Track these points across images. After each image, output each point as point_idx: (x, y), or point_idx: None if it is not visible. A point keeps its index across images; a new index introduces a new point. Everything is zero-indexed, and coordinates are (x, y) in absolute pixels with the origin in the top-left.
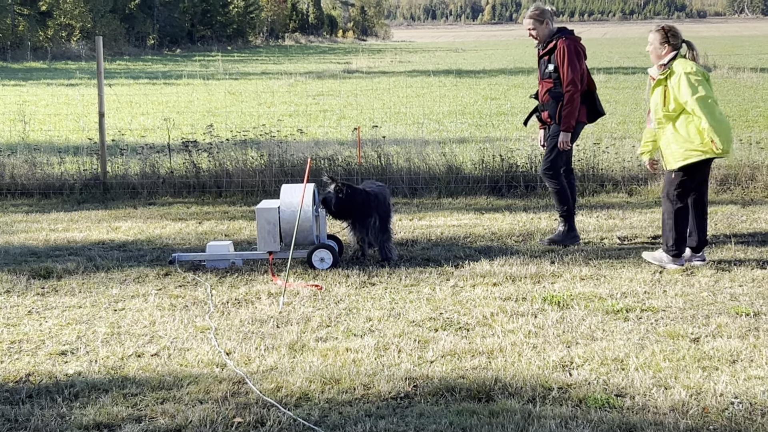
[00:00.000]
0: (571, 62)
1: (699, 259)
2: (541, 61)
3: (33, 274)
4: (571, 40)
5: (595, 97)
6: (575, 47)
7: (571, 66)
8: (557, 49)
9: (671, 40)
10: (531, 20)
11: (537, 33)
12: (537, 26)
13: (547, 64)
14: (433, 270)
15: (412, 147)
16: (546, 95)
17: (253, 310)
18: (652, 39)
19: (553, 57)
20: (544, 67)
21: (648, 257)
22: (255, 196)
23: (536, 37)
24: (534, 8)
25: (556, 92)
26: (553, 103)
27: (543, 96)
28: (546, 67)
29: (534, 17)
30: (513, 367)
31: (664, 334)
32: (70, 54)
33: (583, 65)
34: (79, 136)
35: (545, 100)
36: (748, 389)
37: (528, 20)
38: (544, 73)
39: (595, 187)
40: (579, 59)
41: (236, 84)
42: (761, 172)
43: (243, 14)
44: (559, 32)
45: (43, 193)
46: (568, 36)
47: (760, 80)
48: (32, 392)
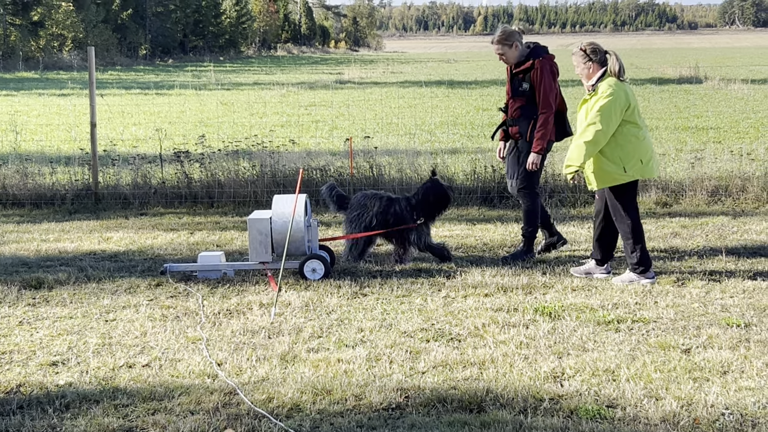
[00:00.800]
0: (548, 84)
1: (604, 272)
2: (515, 78)
3: (24, 285)
4: (547, 60)
5: (565, 118)
6: (551, 68)
7: (548, 88)
8: (534, 69)
9: (593, 57)
10: (499, 45)
11: (507, 57)
12: (506, 50)
13: (521, 82)
14: (425, 281)
15: (404, 158)
16: (517, 111)
17: (245, 320)
18: (576, 62)
19: (528, 76)
20: (518, 85)
21: (618, 281)
22: (247, 206)
23: (506, 60)
24: (501, 32)
25: (529, 110)
26: (525, 121)
27: (514, 112)
28: (521, 85)
29: (501, 41)
30: (504, 377)
31: (655, 345)
32: (62, 64)
33: (556, 86)
34: (71, 146)
35: (516, 116)
36: (739, 400)
37: (496, 45)
38: (517, 90)
39: (586, 198)
40: (554, 80)
41: (228, 94)
42: (752, 183)
43: (235, 25)
44: (535, 50)
45: (34, 203)
46: (545, 56)
47: (751, 92)
48: (23, 403)
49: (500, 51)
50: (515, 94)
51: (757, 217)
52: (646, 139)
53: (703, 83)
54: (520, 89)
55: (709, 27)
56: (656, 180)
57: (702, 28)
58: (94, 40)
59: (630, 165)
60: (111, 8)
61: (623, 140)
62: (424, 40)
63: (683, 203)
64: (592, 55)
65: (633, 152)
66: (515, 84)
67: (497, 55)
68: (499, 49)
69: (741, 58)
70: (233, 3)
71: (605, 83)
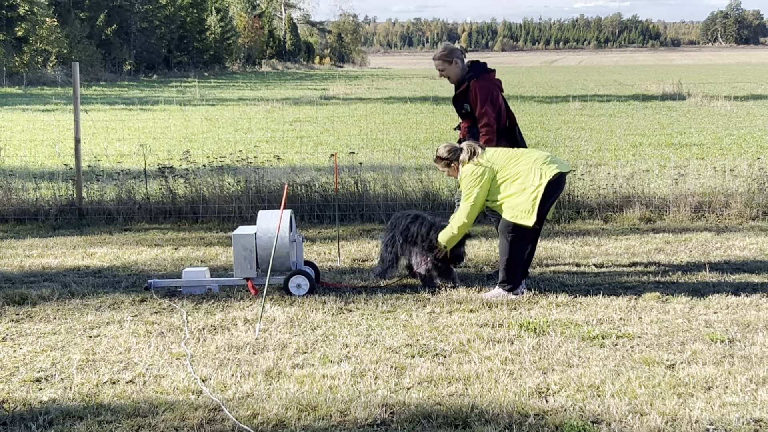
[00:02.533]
0: (484, 104)
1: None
2: (457, 101)
3: (7, 301)
4: (484, 80)
5: (516, 131)
6: (488, 86)
7: (484, 108)
8: (470, 91)
9: (451, 157)
10: (440, 61)
11: (447, 73)
12: (446, 67)
13: (462, 103)
14: (410, 296)
15: (389, 173)
16: (465, 132)
17: (230, 336)
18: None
19: (468, 97)
20: (460, 107)
21: (487, 296)
22: (231, 222)
23: (447, 77)
24: (443, 48)
25: (474, 131)
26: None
27: (464, 132)
28: (463, 108)
29: (442, 58)
30: (489, 393)
31: (639, 360)
32: (46, 79)
33: (499, 102)
34: (55, 161)
35: (465, 135)
36: (723, 416)
37: (437, 61)
38: (460, 112)
39: (570, 213)
40: (493, 99)
41: (213, 110)
42: (735, 199)
43: (220, 40)
44: (472, 70)
45: (17, 218)
46: (481, 75)
47: (733, 108)
48: (6, 419)
49: (441, 67)
50: (460, 116)
51: (741, 233)
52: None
53: (686, 100)
54: (463, 111)
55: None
56: (640, 196)
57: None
58: (79, 56)
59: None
60: (95, 24)
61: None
62: (408, 56)
63: (667, 219)
64: (452, 156)
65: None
66: (458, 106)
67: (438, 72)
68: (440, 65)
69: (724, 75)
70: (218, 19)
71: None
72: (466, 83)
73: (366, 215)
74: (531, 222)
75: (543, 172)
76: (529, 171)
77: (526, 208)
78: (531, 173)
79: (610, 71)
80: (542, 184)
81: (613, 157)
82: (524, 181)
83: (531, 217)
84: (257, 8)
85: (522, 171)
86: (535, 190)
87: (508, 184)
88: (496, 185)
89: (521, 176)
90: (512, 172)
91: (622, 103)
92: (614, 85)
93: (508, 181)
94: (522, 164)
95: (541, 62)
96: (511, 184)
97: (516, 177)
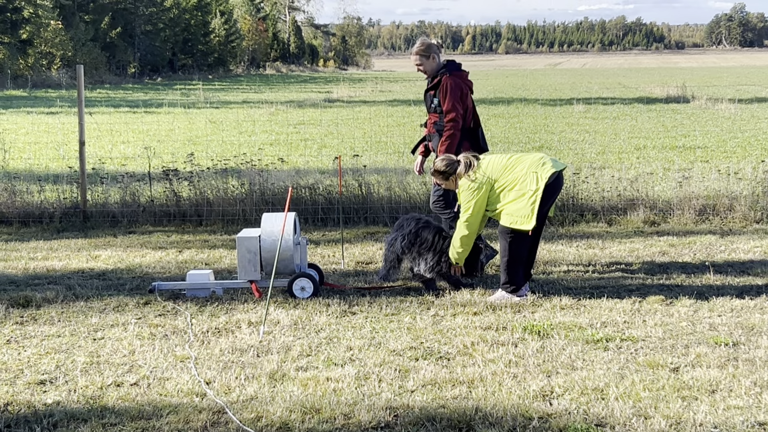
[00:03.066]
0: (454, 99)
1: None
2: (427, 95)
3: (12, 303)
4: (456, 77)
5: (479, 134)
6: (459, 84)
7: (453, 103)
8: (441, 85)
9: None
10: (417, 56)
11: (425, 68)
12: (424, 61)
13: (432, 98)
14: (414, 299)
15: (393, 176)
16: (431, 127)
17: (233, 339)
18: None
19: (438, 92)
20: (430, 101)
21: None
22: (236, 224)
23: (424, 71)
24: (420, 43)
25: (441, 126)
26: (438, 136)
27: (430, 127)
28: (432, 102)
29: (420, 53)
30: (493, 396)
31: (643, 363)
32: (50, 82)
33: (468, 102)
34: (59, 164)
35: (431, 132)
36: (727, 419)
37: (414, 56)
38: (430, 107)
39: (574, 216)
40: (463, 96)
41: (217, 113)
42: (739, 202)
43: (224, 43)
44: (446, 67)
45: (22, 221)
46: (453, 72)
47: (738, 111)
48: (11, 422)
49: (419, 62)
50: (429, 110)
51: (745, 236)
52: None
53: (691, 103)
54: (432, 105)
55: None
56: (644, 199)
57: (689, 47)
58: (83, 59)
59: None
60: (100, 26)
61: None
62: None
63: (671, 222)
64: (449, 170)
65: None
66: (428, 101)
67: (416, 66)
68: (419, 60)
69: (728, 77)
70: (222, 22)
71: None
72: (438, 77)
73: (370, 218)
74: (530, 226)
75: (539, 176)
76: (525, 176)
77: (525, 213)
78: (527, 178)
79: (614, 74)
80: (539, 188)
81: (617, 159)
82: (521, 187)
83: (530, 222)
84: (261, 11)
85: (518, 177)
86: (533, 194)
87: (506, 193)
88: (494, 195)
89: (518, 183)
90: (508, 180)
91: (626, 106)
92: (618, 87)
93: (506, 189)
94: (517, 171)
95: (545, 65)
96: (509, 192)
97: (513, 184)
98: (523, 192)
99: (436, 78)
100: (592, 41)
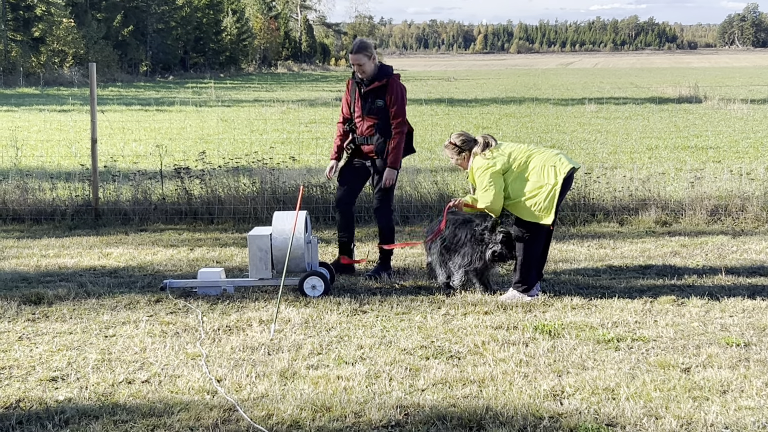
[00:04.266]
0: (404, 104)
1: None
2: (367, 96)
3: (24, 300)
4: (399, 79)
5: (413, 137)
6: (404, 88)
7: (403, 107)
8: (390, 87)
9: (464, 146)
10: (359, 55)
11: (365, 68)
12: (365, 61)
13: (375, 99)
14: (425, 298)
15: (404, 175)
16: (371, 129)
17: (244, 337)
18: (450, 155)
19: (383, 93)
20: (371, 103)
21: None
22: (247, 223)
23: (363, 71)
24: (360, 43)
25: (384, 128)
26: (381, 139)
27: (366, 130)
28: (374, 103)
29: (362, 52)
30: (504, 395)
31: (654, 363)
32: (62, 80)
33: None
34: (71, 162)
35: (369, 134)
36: (738, 419)
37: (356, 55)
38: (371, 108)
39: (586, 216)
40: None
41: (228, 111)
42: (751, 202)
43: (236, 42)
44: (387, 69)
45: (34, 218)
46: (395, 75)
47: (750, 111)
48: (22, 418)
49: (361, 61)
50: (369, 112)
51: (757, 237)
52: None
53: (703, 103)
54: (374, 107)
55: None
56: (656, 199)
57: (702, 47)
58: (95, 57)
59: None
60: (112, 25)
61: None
62: (424, 58)
63: (683, 222)
64: (463, 145)
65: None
66: (368, 101)
67: (355, 66)
68: (360, 59)
69: (740, 78)
70: (234, 20)
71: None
72: (385, 80)
73: None
74: (549, 221)
75: (558, 170)
76: (542, 168)
77: (545, 207)
78: (544, 171)
79: (626, 74)
80: (558, 182)
81: (629, 159)
82: (539, 179)
83: (549, 216)
84: (273, 9)
85: (536, 166)
86: (552, 188)
87: (522, 182)
88: (510, 180)
89: (534, 173)
90: (527, 167)
91: (638, 106)
92: (630, 87)
93: (522, 177)
94: (536, 160)
95: (557, 64)
96: (525, 181)
97: (529, 173)
98: (540, 184)
99: (382, 80)
100: (604, 41)
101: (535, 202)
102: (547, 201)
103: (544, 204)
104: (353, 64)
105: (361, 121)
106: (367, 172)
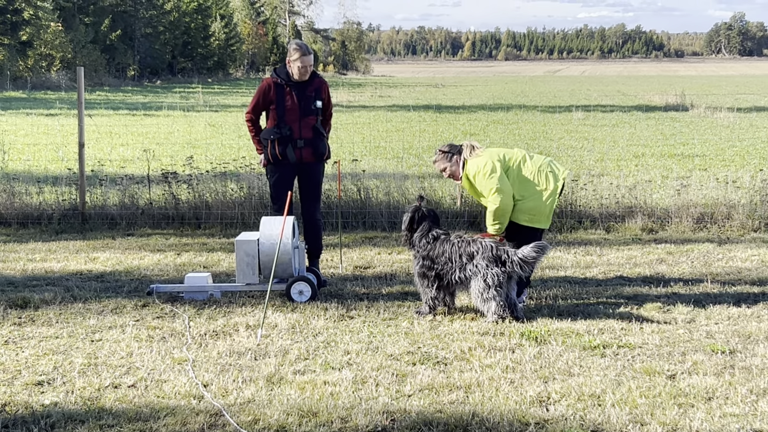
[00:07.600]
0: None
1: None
2: (307, 97)
3: (10, 304)
4: None
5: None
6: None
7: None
8: (324, 87)
9: (452, 150)
10: (310, 56)
11: (312, 69)
12: (312, 62)
13: (314, 100)
14: (412, 304)
15: (392, 181)
16: (311, 131)
17: (231, 342)
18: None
19: (320, 94)
20: (311, 103)
21: None
22: (234, 228)
23: (307, 72)
24: (305, 45)
25: (322, 128)
26: (321, 139)
27: (306, 132)
28: (314, 104)
29: (311, 52)
30: (490, 401)
31: (640, 370)
32: (49, 84)
33: None
34: (58, 166)
35: (308, 136)
36: (723, 426)
37: (310, 56)
38: (310, 109)
39: (572, 223)
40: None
41: (216, 116)
42: (737, 210)
43: (224, 47)
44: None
45: (21, 222)
46: None
47: (736, 119)
48: (8, 422)
49: (310, 62)
50: (307, 113)
51: (742, 245)
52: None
53: (690, 111)
54: (314, 107)
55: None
56: (642, 206)
57: (688, 56)
58: (83, 61)
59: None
60: (100, 29)
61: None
62: (412, 65)
63: (669, 230)
64: (453, 150)
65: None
66: (307, 102)
67: (306, 67)
68: (309, 60)
69: (727, 86)
70: (222, 25)
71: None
72: (318, 80)
73: (368, 223)
74: (547, 225)
75: (555, 175)
76: (538, 173)
77: (543, 211)
78: (540, 176)
79: (613, 81)
80: (558, 187)
81: (615, 167)
82: (537, 184)
83: (548, 221)
84: (261, 15)
85: (532, 172)
86: (551, 194)
87: (520, 185)
88: (509, 180)
89: (530, 179)
90: (522, 170)
91: (625, 114)
92: (617, 95)
93: (520, 179)
94: (529, 165)
95: (544, 72)
96: (523, 184)
97: (526, 177)
98: (539, 189)
99: (316, 79)
100: (591, 49)
101: (533, 206)
102: (546, 206)
103: (543, 208)
104: (306, 66)
105: (302, 122)
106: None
